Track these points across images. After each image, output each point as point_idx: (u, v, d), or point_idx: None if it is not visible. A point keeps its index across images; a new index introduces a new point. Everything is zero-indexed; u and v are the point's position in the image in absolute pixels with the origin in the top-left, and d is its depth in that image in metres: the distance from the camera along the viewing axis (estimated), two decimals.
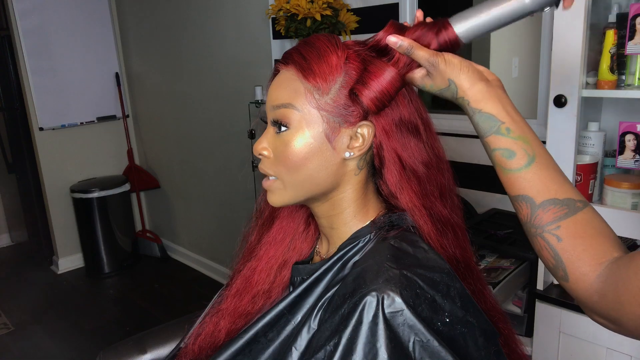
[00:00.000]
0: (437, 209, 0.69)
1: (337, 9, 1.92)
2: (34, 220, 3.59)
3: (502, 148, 0.59)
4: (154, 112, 3.47)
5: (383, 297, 0.56)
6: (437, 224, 0.68)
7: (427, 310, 0.57)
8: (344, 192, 0.70)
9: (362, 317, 0.56)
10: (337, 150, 0.66)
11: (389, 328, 0.56)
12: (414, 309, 0.56)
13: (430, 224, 0.68)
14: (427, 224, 0.68)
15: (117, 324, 2.81)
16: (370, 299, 0.57)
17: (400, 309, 0.56)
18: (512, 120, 0.60)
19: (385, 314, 0.56)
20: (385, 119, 0.66)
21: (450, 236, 0.69)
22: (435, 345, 0.55)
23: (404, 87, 0.67)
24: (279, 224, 0.81)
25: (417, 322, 0.56)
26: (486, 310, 0.68)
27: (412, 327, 0.56)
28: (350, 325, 0.57)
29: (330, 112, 0.65)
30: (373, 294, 0.57)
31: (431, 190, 0.69)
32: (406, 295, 0.57)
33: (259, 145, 0.69)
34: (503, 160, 0.60)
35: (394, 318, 0.56)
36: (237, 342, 0.73)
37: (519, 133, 0.59)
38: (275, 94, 0.68)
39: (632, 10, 1.18)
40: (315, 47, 0.66)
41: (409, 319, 0.56)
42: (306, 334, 0.67)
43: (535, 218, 0.58)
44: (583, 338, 1.30)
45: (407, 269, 0.60)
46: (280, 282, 0.79)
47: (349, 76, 0.65)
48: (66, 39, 3.26)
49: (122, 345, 1.15)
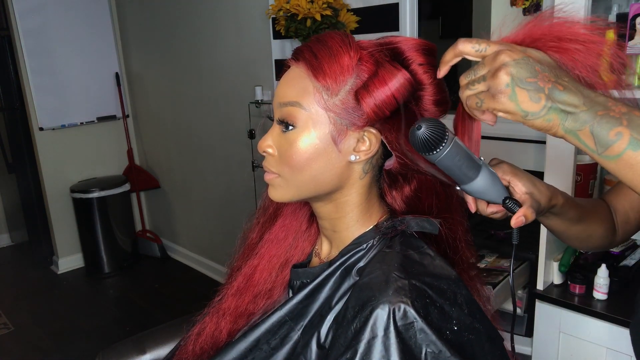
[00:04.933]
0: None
1: (337, 9, 1.92)
2: (34, 220, 3.59)
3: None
4: (154, 112, 3.47)
5: (394, 309, 0.56)
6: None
7: (437, 319, 0.57)
8: (348, 195, 0.68)
9: (374, 331, 0.56)
10: (343, 152, 0.65)
11: (402, 341, 0.55)
12: (425, 319, 0.56)
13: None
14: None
15: (117, 324, 2.81)
16: (381, 312, 0.56)
17: (412, 321, 0.56)
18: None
19: (398, 326, 0.56)
20: (391, 126, 0.64)
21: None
22: (447, 355, 0.55)
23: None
24: (282, 222, 0.79)
25: (429, 332, 0.55)
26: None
27: (424, 338, 0.55)
28: (363, 340, 0.56)
29: (337, 114, 0.63)
30: (384, 306, 0.56)
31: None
32: (417, 306, 0.56)
33: (263, 143, 0.68)
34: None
35: (406, 330, 0.56)
36: (237, 347, 0.71)
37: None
38: (284, 91, 0.66)
39: (632, 10, 1.18)
40: (327, 46, 0.63)
41: (421, 330, 0.55)
42: (315, 345, 0.66)
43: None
44: (583, 338, 1.29)
45: (416, 278, 0.59)
46: (282, 282, 0.77)
47: (360, 78, 0.62)
48: (66, 39, 3.26)
49: (121, 345, 1.15)
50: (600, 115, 0.50)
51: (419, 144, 0.56)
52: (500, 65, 0.51)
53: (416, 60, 0.63)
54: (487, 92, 0.53)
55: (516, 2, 1.81)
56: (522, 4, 1.78)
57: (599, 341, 1.27)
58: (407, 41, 0.64)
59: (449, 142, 0.56)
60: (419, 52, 0.64)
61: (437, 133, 0.55)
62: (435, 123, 0.56)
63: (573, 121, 0.51)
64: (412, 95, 0.63)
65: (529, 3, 1.75)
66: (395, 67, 0.62)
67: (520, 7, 1.80)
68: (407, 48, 0.64)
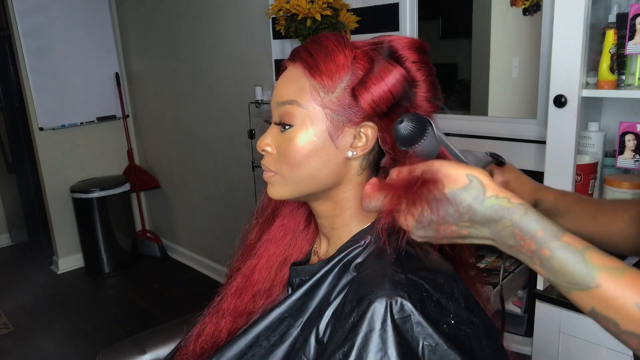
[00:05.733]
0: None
1: (337, 9, 1.92)
2: (34, 220, 3.59)
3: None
4: (154, 112, 3.47)
5: (391, 302, 0.56)
6: None
7: (433, 313, 0.57)
8: (345, 192, 0.69)
9: (371, 325, 0.56)
10: (340, 149, 0.66)
11: (399, 334, 0.56)
12: (422, 313, 0.56)
13: None
14: None
15: (117, 324, 2.81)
16: (378, 305, 0.57)
17: (409, 314, 0.56)
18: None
19: (395, 319, 0.56)
20: (384, 123, 0.65)
21: None
22: (444, 348, 0.55)
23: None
24: (280, 222, 0.80)
25: (426, 326, 0.56)
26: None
27: (421, 331, 0.56)
28: (361, 333, 0.56)
29: (334, 111, 0.65)
30: (381, 300, 0.57)
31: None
32: (414, 299, 0.57)
33: (262, 142, 0.69)
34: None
35: (403, 323, 0.56)
36: (237, 344, 0.72)
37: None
38: (281, 91, 0.68)
39: (632, 10, 1.18)
40: (323, 46, 0.66)
41: (418, 324, 0.56)
42: (314, 341, 0.66)
43: None
44: (583, 338, 1.29)
45: (413, 273, 0.60)
46: (281, 281, 0.78)
47: (355, 76, 0.64)
48: (66, 39, 3.26)
49: (121, 345, 1.15)
50: (514, 251, 0.51)
51: (402, 137, 0.57)
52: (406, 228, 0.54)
53: (409, 58, 0.65)
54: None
55: (516, 2, 1.81)
56: (522, 4, 1.78)
57: (599, 341, 1.27)
58: (400, 40, 0.66)
59: (431, 135, 0.57)
60: (411, 50, 0.65)
61: (418, 126, 0.56)
62: (416, 116, 0.57)
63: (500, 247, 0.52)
64: (407, 91, 0.64)
65: (529, 3, 1.75)
66: (391, 64, 0.63)
67: (520, 7, 1.80)
68: (400, 46, 0.65)
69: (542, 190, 0.73)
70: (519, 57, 1.96)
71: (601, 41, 1.27)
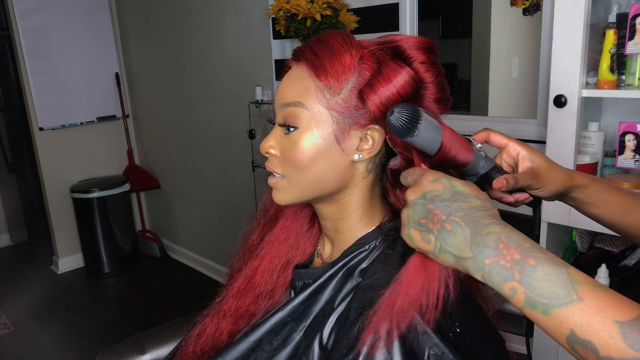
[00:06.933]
0: None
1: (337, 9, 1.92)
2: (34, 220, 3.59)
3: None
4: (154, 112, 3.47)
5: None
6: None
7: (439, 321, 0.56)
8: (351, 195, 0.68)
9: (377, 333, 0.55)
10: (346, 152, 0.64)
11: (404, 343, 0.55)
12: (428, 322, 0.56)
13: None
14: None
15: (116, 324, 2.81)
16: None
17: (415, 323, 0.55)
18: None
19: (401, 328, 0.55)
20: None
21: None
22: (450, 357, 0.55)
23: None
24: (283, 224, 0.79)
25: (432, 335, 0.55)
26: None
27: (427, 340, 0.55)
28: (367, 342, 0.56)
29: (340, 113, 0.63)
30: None
31: None
32: None
33: (266, 144, 0.67)
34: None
35: (409, 332, 0.55)
36: (238, 347, 0.71)
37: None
38: (285, 92, 0.66)
39: (632, 10, 1.18)
40: (328, 45, 0.63)
41: (424, 333, 0.55)
42: (318, 347, 0.65)
43: None
44: None
45: None
46: (284, 283, 0.77)
47: (362, 77, 0.62)
48: (66, 39, 3.26)
49: (121, 345, 1.15)
50: (489, 263, 0.46)
51: (397, 129, 0.55)
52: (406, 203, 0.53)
53: (418, 59, 0.63)
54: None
55: (516, 2, 1.81)
56: (522, 4, 1.78)
57: None
58: (408, 39, 0.64)
59: (425, 120, 0.55)
60: (420, 50, 0.63)
61: (410, 114, 0.55)
62: (407, 105, 0.56)
63: (471, 264, 0.47)
64: (415, 92, 0.62)
65: (529, 3, 1.75)
66: (399, 65, 0.61)
67: (520, 7, 1.80)
68: (409, 46, 0.63)
69: (576, 176, 0.69)
70: (519, 57, 1.96)
71: (601, 41, 1.27)
